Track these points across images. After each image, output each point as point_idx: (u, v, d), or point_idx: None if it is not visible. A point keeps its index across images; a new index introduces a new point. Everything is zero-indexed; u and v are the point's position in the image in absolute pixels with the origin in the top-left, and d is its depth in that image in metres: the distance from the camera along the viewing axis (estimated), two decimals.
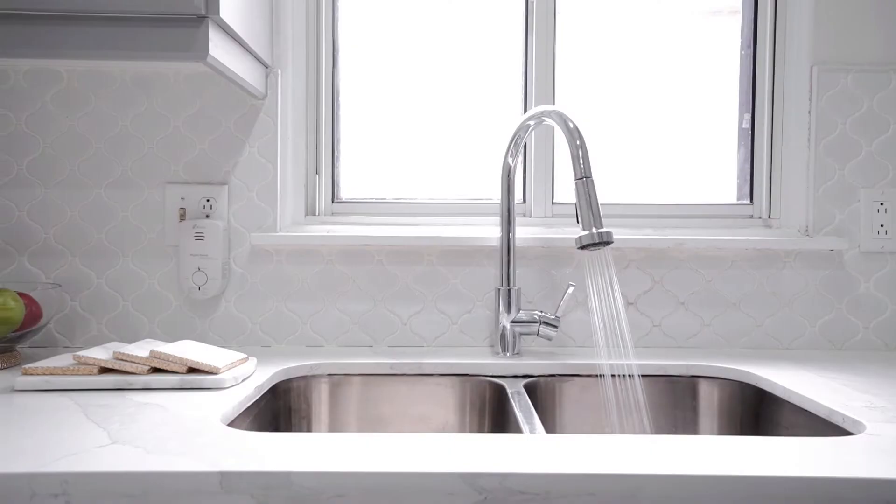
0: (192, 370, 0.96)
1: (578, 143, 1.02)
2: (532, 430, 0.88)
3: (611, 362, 1.08)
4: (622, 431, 1.06)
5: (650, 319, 1.29)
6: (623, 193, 1.38)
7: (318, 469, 0.63)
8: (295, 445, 0.70)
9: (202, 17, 0.96)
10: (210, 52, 0.97)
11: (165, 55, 0.97)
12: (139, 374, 0.94)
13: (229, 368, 0.99)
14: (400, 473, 0.63)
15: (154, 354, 0.95)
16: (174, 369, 0.95)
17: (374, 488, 0.63)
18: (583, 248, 1.00)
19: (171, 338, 1.27)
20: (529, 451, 0.69)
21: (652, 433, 1.11)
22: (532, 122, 1.13)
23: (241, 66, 1.12)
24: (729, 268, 1.28)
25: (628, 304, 1.29)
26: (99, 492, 0.62)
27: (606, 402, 1.07)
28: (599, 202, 1.33)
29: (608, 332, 1.09)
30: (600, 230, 0.99)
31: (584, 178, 1.01)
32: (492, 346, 1.27)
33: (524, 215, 1.36)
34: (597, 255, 1.08)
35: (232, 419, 0.85)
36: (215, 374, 0.95)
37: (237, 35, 1.06)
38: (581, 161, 1.01)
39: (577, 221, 1.01)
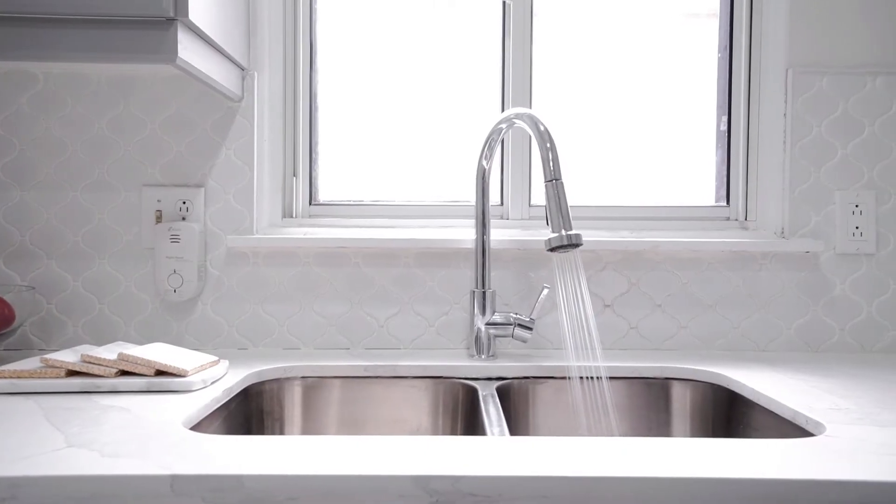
0: (160, 373, 0.96)
1: (549, 145, 1.02)
2: (501, 433, 0.88)
3: (580, 364, 1.08)
4: (591, 434, 1.06)
5: (627, 321, 1.29)
6: (602, 196, 1.38)
7: (269, 472, 0.63)
8: (251, 449, 0.70)
9: (171, 20, 0.96)
10: (179, 54, 0.97)
11: (134, 57, 0.97)
12: (107, 376, 0.94)
13: (198, 371, 0.98)
14: (352, 476, 0.63)
15: (122, 357, 0.95)
16: (142, 372, 0.95)
17: (325, 491, 0.63)
18: (552, 250, 1.00)
19: (147, 340, 1.27)
20: (487, 453, 0.69)
21: (620, 435, 1.11)
22: (504, 126, 1.14)
23: (215, 68, 1.12)
24: (705, 270, 1.28)
25: (605, 306, 1.29)
26: (49, 496, 0.62)
27: (575, 405, 1.07)
28: (576, 204, 1.35)
29: (578, 334, 1.08)
30: (569, 232, 0.99)
31: (553, 180, 1.01)
32: (468, 348, 1.27)
33: (501, 217, 1.36)
34: (569, 257, 1.08)
35: (196, 422, 0.85)
36: (183, 376, 0.95)
37: (209, 37, 1.06)
38: (551, 163, 1.02)
39: (547, 223, 1.01)
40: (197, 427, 0.85)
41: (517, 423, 1.14)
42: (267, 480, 0.62)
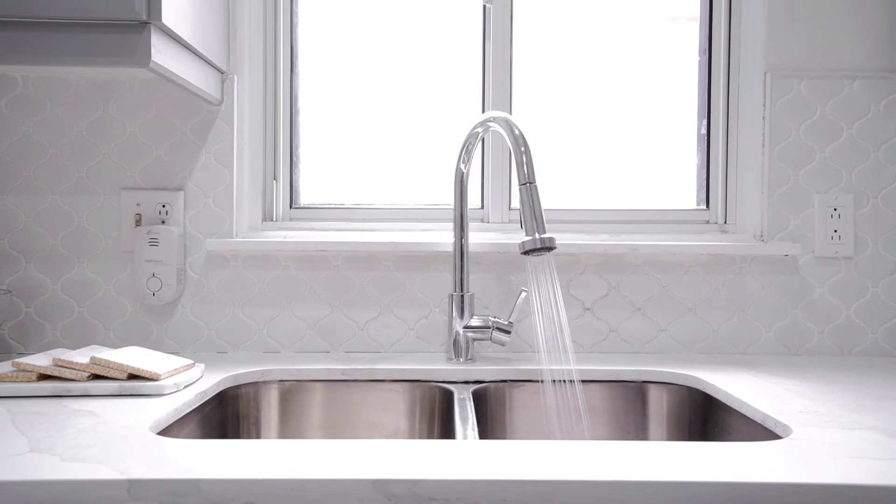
0: (133, 377, 0.96)
1: (523, 149, 1.02)
2: (474, 437, 0.87)
3: (554, 367, 1.08)
4: (564, 437, 1.06)
5: (607, 325, 1.29)
6: (583, 199, 1.38)
7: (227, 476, 0.63)
8: (213, 452, 0.69)
9: (144, 23, 0.96)
10: (153, 57, 0.97)
11: (107, 61, 0.97)
12: (78, 380, 0.94)
13: (172, 375, 0.98)
14: (310, 480, 0.63)
15: (94, 361, 0.95)
16: (114, 376, 0.95)
17: (283, 494, 0.62)
18: (526, 253, 1.00)
19: (126, 344, 1.26)
20: (451, 457, 0.69)
21: (594, 438, 1.11)
22: (480, 129, 1.14)
23: (192, 71, 1.12)
24: (685, 273, 1.29)
25: (585, 309, 1.29)
26: (7, 501, 0.61)
27: (548, 409, 1.07)
28: (556, 207, 1.35)
29: (552, 337, 1.08)
30: (543, 235, 0.99)
31: (527, 183, 1.01)
32: (447, 351, 1.27)
33: (482, 221, 1.36)
34: (543, 260, 1.08)
35: (165, 426, 0.85)
36: (156, 380, 0.95)
37: (185, 41, 1.06)
38: (525, 167, 1.02)
39: (521, 227, 1.01)
40: (166, 431, 0.85)
41: (493, 427, 1.14)
42: (224, 484, 0.62)
